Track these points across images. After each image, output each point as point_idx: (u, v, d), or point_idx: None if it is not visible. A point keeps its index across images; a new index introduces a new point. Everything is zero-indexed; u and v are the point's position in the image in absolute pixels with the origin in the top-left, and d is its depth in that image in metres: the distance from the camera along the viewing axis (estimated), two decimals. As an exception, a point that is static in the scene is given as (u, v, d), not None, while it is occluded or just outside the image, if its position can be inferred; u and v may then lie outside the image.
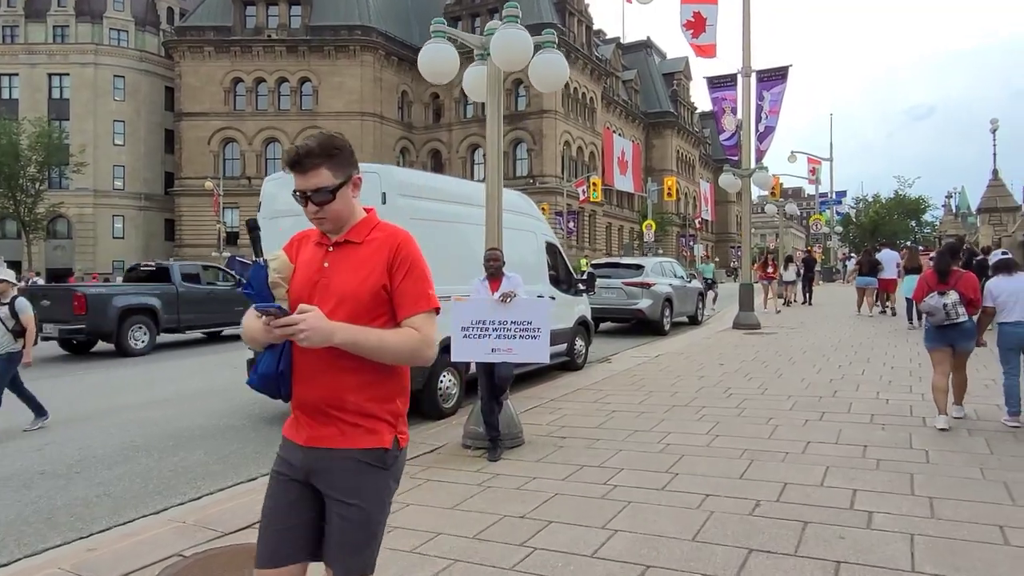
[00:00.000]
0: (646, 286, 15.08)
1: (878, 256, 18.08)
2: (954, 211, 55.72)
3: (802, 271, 22.43)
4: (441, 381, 7.68)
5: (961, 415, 6.47)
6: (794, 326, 15.77)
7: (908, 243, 45.44)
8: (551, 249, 10.32)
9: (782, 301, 20.55)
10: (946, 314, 6.04)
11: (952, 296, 6.03)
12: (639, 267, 15.52)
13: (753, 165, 15.50)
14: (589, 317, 11.31)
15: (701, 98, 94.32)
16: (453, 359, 6.00)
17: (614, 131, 74.92)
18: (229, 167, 60.09)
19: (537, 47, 6.36)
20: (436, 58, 6.57)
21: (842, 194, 47.01)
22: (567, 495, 4.71)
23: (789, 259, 23.70)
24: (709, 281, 22.15)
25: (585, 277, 11.07)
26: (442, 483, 5.11)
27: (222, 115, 58.84)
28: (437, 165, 64.79)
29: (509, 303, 5.71)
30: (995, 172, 25.09)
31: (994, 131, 26.00)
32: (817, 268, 27.53)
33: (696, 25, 15.62)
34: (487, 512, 4.43)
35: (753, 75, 15.50)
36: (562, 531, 4.05)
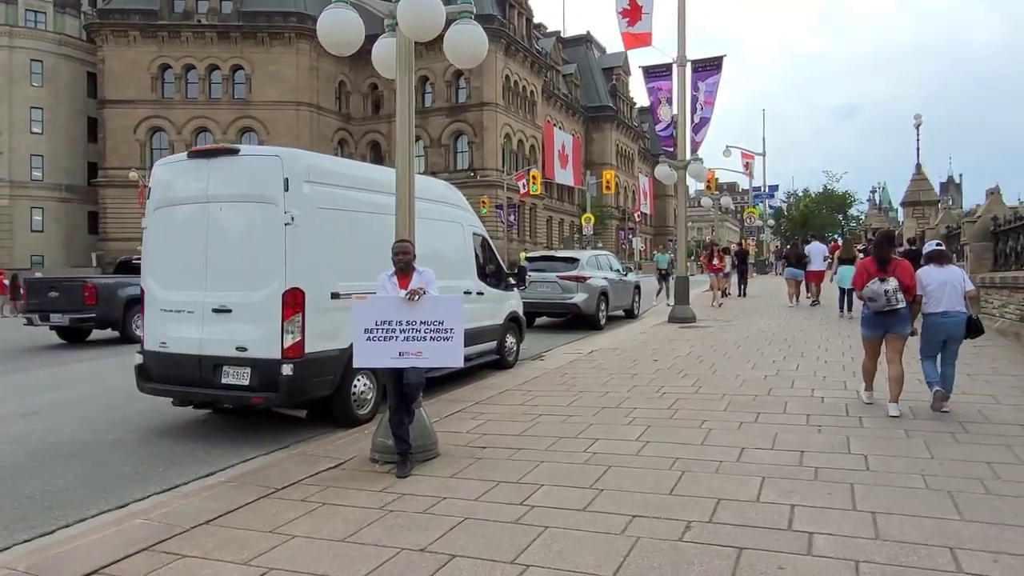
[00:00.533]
0: (581, 280, 14.68)
1: (806, 248, 18.63)
2: (878, 205, 57.74)
3: (736, 263, 22.91)
4: (355, 385, 7.04)
5: (897, 414, 6.29)
6: (729, 319, 15.63)
7: (837, 236, 46.72)
8: (480, 242, 9.75)
9: (720, 293, 20.47)
10: (887, 300, 6.10)
11: (892, 282, 6.11)
12: (574, 261, 15.09)
13: (688, 157, 15.26)
14: (521, 313, 10.81)
15: (640, 93, 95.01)
16: (355, 365, 5.38)
17: (555, 124, 74.80)
18: (157, 157, 57.31)
19: (452, 18, 5.72)
20: (336, 27, 5.92)
21: (775, 188, 47.95)
22: (477, 519, 4.16)
23: (725, 251, 23.73)
24: (663, 272, 21.12)
25: (516, 271, 10.53)
26: (339, 507, 4.49)
27: (149, 103, 56.19)
28: (377, 157, 63.42)
29: (418, 301, 5.12)
30: (918, 167, 25.71)
31: (917, 127, 26.63)
32: (751, 261, 28.32)
33: (632, 13, 15.26)
34: (383, 545, 3.84)
35: (688, 65, 15.24)
36: (466, 569, 3.49)
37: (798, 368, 9.11)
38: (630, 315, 17.60)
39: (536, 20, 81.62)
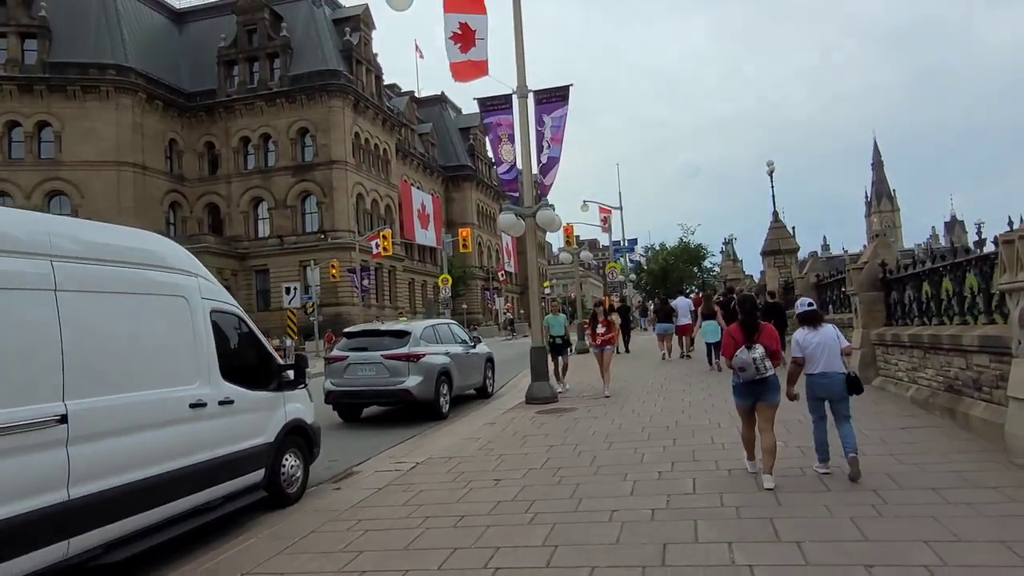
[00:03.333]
0: (413, 359, 11.64)
1: (673, 303, 19.92)
2: (732, 256, 59.33)
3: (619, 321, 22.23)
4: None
5: (772, 485, 5.94)
6: (598, 393, 13.11)
7: (695, 288, 46.90)
8: (227, 324, 6.52)
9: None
10: (756, 369, 5.96)
11: (759, 350, 5.99)
12: (404, 335, 12.02)
13: (536, 202, 12.84)
14: (309, 419, 7.59)
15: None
16: None
17: (412, 184, 72.44)
18: (-60, 226, 49.16)
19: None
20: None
21: (634, 242, 47.72)
22: None
23: (611, 308, 23.71)
24: (557, 340, 13.87)
25: (294, 363, 7.33)
26: None
27: (-67, 164, 48.28)
28: (216, 221, 58.10)
29: None
30: (775, 214, 25.05)
31: (771, 173, 26.27)
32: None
33: (464, 38, 12.87)
34: None
35: (531, 96, 13.00)
36: None
37: (695, 489, 6.37)
38: (483, 394, 14.69)
39: (390, 81, 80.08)
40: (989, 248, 7.34)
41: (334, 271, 45.82)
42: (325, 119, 55.73)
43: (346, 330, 12.87)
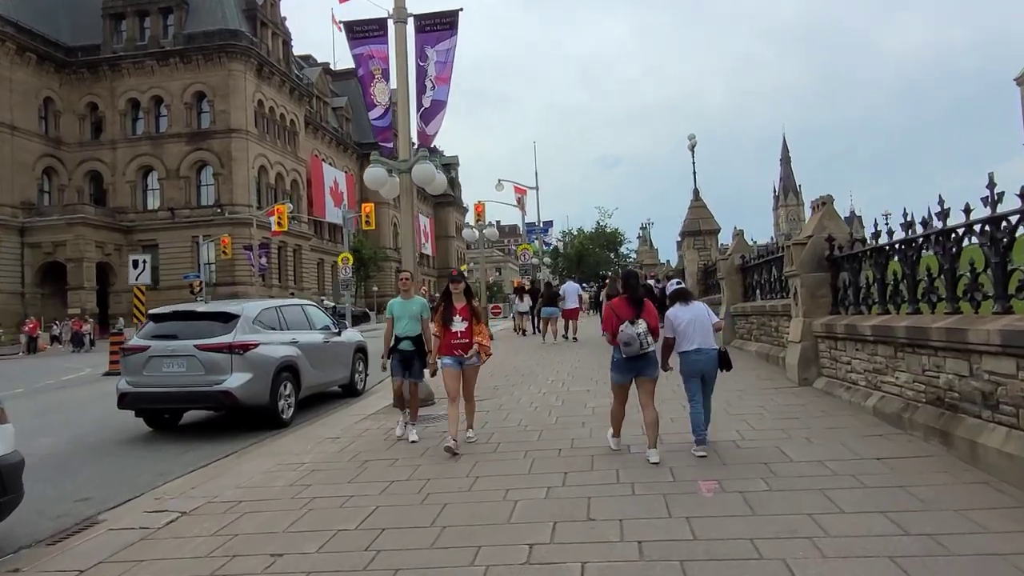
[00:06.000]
0: (239, 349, 8.81)
1: (562, 288, 20.56)
2: (648, 241, 58.22)
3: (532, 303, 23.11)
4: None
5: (657, 460, 5.79)
6: (491, 388, 10.64)
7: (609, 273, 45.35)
8: None
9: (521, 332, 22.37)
10: (640, 344, 5.83)
11: (642, 325, 5.88)
12: (230, 318, 9.16)
13: (414, 154, 10.14)
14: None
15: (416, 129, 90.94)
16: None
17: (323, 159, 68.27)
18: None
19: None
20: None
21: (549, 224, 45.45)
22: None
23: (522, 289, 25.51)
24: (403, 345, 9.12)
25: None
26: None
27: None
28: (98, 190, 52.66)
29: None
30: (696, 192, 23.10)
31: (692, 147, 24.32)
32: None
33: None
34: None
35: (411, 22, 10.30)
36: None
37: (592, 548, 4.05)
38: (351, 392, 11.98)
39: (305, 53, 75.14)
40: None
41: (226, 247, 41.81)
42: (224, 83, 51.15)
43: (151, 311, 9.84)
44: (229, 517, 5.31)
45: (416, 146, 10.42)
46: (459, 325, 6.82)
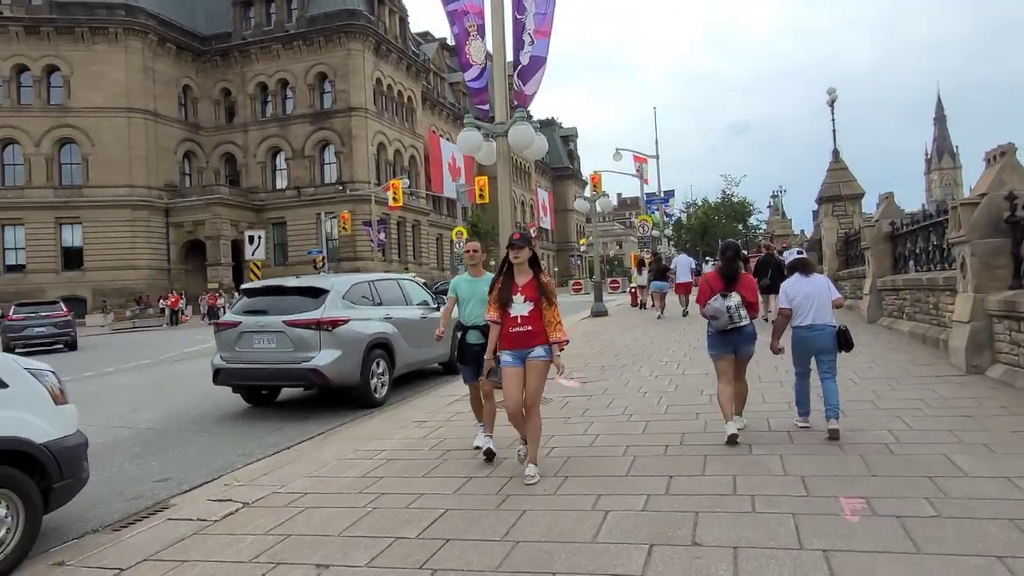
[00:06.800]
0: (328, 326, 8.40)
1: (673, 262, 20.14)
2: (780, 211, 54.42)
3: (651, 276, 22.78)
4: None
5: (741, 425, 5.81)
6: (598, 368, 9.77)
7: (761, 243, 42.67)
8: None
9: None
10: (729, 317, 5.61)
11: (735, 299, 5.65)
12: (320, 292, 8.79)
13: (510, 116, 9.31)
14: (42, 434, 4.51)
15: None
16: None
17: (441, 135, 68.84)
18: (-47, 175, 47.75)
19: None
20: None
21: (670, 193, 43.31)
22: None
23: (642, 262, 25.25)
24: (471, 337, 5.89)
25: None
26: None
27: (-61, 110, 46.55)
28: (233, 171, 55.72)
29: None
30: (835, 153, 20.69)
31: (832, 103, 21.90)
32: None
33: None
34: None
35: (506, -32, 9.44)
36: None
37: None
38: (451, 370, 11.43)
39: (423, 29, 75.83)
40: None
41: (345, 223, 42.97)
42: (344, 63, 52.37)
43: (243, 286, 9.67)
44: (288, 513, 4.78)
45: (515, 106, 9.54)
46: (521, 308, 5.02)
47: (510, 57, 9.78)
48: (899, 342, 10.51)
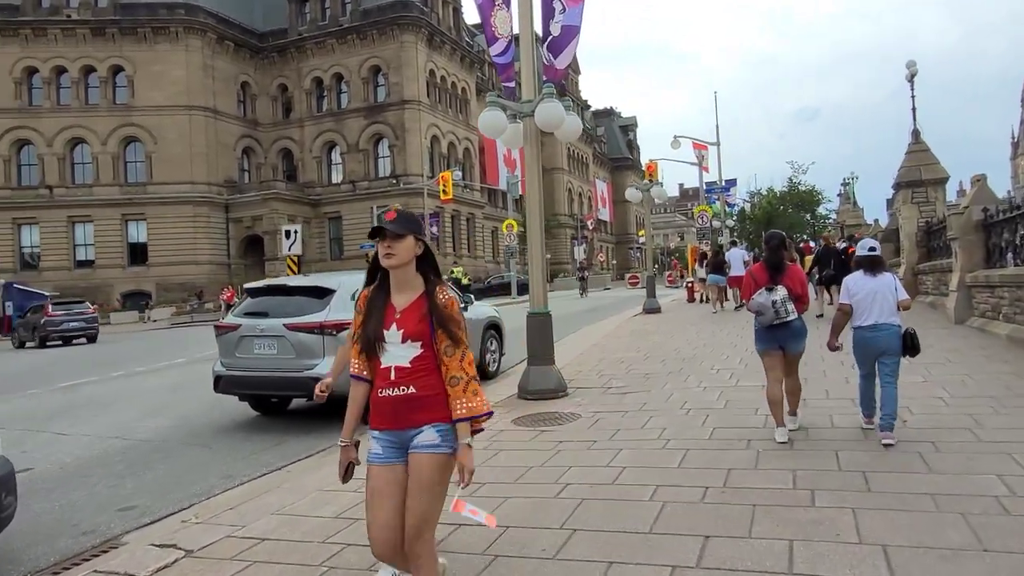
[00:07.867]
0: (332, 330, 7.56)
1: (727, 255, 19.50)
2: (851, 199, 51.35)
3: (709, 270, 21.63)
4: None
5: (795, 426, 5.71)
6: (640, 376, 8.69)
7: (806, 237, 40.29)
8: None
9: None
10: (775, 312, 5.40)
11: (781, 292, 5.43)
12: (324, 293, 7.95)
13: (538, 93, 8.24)
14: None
15: (593, 94, 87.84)
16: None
17: (496, 126, 67.95)
18: (24, 174, 49.52)
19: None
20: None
21: (732, 182, 41.15)
22: None
23: (704, 256, 23.99)
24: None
25: None
26: None
27: (12, 112, 48.33)
28: (290, 166, 56.21)
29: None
30: (916, 134, 18.67)
31: (911, 78, 19.94)
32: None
33: None
34: None
35: (534, -72, 8.37)
36: None
37: None
38: (480, 375, 10.52)
39: (478, 21, 75.04)
40: None
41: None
42: (397, 55, 52.04)
43: (247, 286, 8.91)
44: (229, 570, 3.92)
45: (544, 81, 8.47)
46: (397, 352, 2.78)
47: (539, 28, 8.73)
48: (996, 348, 9.01)
